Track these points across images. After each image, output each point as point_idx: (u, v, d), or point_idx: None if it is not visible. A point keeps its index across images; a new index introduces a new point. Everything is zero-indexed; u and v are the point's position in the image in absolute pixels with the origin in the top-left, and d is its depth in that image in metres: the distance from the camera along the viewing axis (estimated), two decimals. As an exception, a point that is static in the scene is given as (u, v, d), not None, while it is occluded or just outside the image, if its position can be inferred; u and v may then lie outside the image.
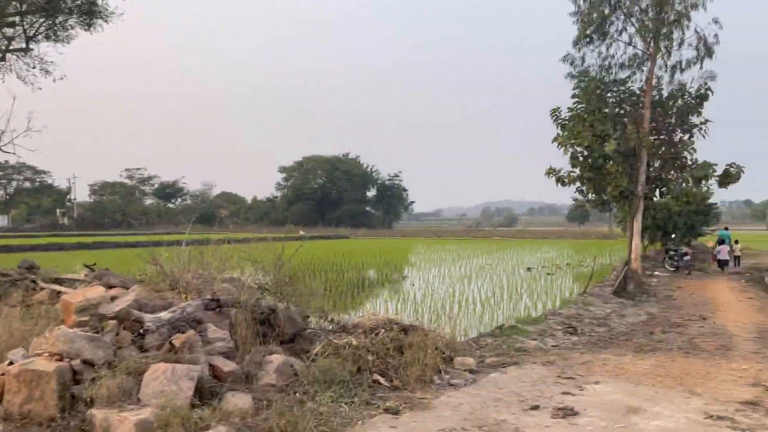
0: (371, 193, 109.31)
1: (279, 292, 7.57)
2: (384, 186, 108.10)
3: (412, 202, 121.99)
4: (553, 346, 9.25)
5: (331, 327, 7.52)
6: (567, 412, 5.71)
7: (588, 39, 22.47)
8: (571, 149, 21.95)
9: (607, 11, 22.22)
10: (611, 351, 8.92)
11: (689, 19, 21.11)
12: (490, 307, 14.31)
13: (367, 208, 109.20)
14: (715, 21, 21.02)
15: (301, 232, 77.04)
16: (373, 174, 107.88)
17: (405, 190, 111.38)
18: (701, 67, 21.69)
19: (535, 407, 5.89)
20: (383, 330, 7.09)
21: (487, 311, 13.72)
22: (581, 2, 22.68)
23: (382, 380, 6.40)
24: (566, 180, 22.68)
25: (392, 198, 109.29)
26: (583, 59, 22.61)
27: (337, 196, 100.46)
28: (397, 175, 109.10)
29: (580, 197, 27.25)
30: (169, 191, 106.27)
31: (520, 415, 5.70)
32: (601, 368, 7.62)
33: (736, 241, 30.60)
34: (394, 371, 6.54)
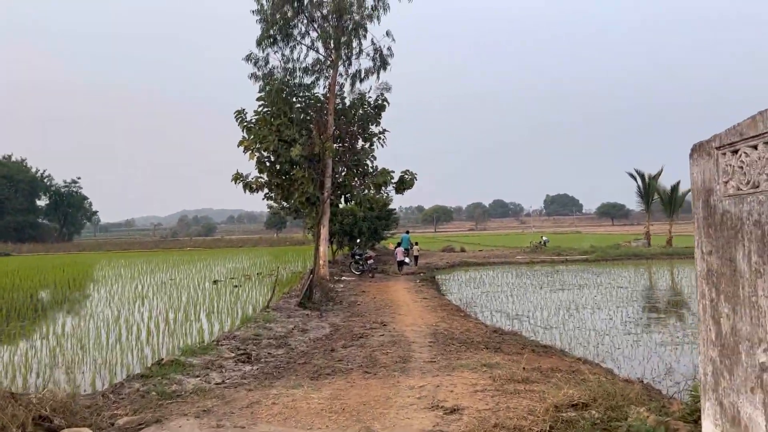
0: (43, 201, 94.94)
1: None
2: (59, 194, 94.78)
3: (96, 212, 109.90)
4: (217, 383, 7.57)
5: None
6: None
7: (272, 40, 21.69)
8: (257, 154, 20.87)
9: (290, 13, 21.71)
10: (285, 381, 7.62)
11: (366, 30, 21.82)
12: (158, 335, 12.07)
13: (39, 219, 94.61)
14: (388, 33, 22.08)
15: (-58, 251, 62.48)
16: (45, 180, 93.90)
17: (86, 198, 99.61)
18: (378, 78, 22.63)
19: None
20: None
21: (152, 341, 11.46)
22: (264, 1, 21.81)
23: None
24: (254, 186, 21.53)
25: (70, 207, 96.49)
26: (266, 60, 21.79)
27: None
28: (75, 182, 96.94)
29: (273, 204, 26.40)
30: None
31: None
32: (269, 410, 6.19)
33: (416, 243, 33.38)
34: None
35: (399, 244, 30.22)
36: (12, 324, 13.96)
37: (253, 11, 21.70)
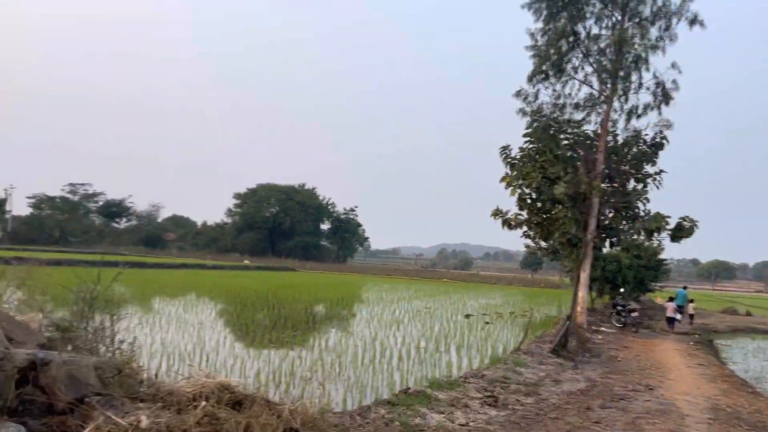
0: (325, 226, 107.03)
1: (66, 336, 5.38)
2: (339, 220, 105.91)
3: (367, 239, 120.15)
4: (461, 424, 7.21)
5: (140, 392, 5.33)
6: None
7: (543, 75, 21.23)
8: (519, 190, 20.51)
9: (564, 48, 21.06)
10: (533, 436, 6.95)
11: (647, 62, 20.10)
12: (408, 361, 12.26)
13: (322, 242, 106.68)
14: (674, 65, 20.05)
15: (246, 262, 74.06)
16: (329, 207, 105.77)
17: (360, 225, 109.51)
18: (659, 113, 20.64)
19: None
20: (204, 401, 4.96)
21: (402, 367, 11.65)
22: (538, 38, 21.52)
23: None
24: (513, 223, 21.16)
25: (347, 232, 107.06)
26: (536, 96, 21.33)
27: (289, 227, 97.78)
28: (353, 210, 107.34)
29: (531, 243, 25.78)
30: (114, 210, 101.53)
31: None
32: (513, 467, 5.62)
33: (692, 300, 29.66)
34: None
35: (671, 299, 26.93)
36: (287, 332, 15.54)
37: (526, 47, 21.54)
